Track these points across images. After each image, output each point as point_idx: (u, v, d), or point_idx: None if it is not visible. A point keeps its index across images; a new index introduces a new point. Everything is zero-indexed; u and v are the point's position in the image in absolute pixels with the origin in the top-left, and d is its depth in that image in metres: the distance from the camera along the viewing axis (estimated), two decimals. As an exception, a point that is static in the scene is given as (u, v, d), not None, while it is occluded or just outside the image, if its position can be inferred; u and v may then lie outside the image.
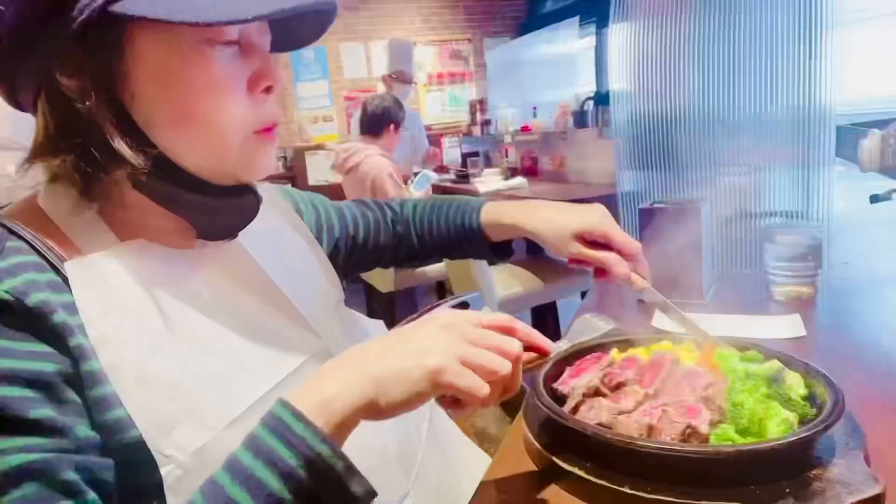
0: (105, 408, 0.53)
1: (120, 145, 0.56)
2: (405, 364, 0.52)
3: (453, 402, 0.57)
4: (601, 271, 0.87)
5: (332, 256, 0.91)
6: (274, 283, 0.69)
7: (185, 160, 0.60)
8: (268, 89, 0.62)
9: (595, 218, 0.86)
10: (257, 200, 0.68)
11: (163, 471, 0.53)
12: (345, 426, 0.50)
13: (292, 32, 0.67)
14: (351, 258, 0.98)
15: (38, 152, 0.58)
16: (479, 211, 0.95)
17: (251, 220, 0.68)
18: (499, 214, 0.94)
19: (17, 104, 0.60)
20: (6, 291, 0.50)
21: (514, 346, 0.56)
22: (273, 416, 0.49)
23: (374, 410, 0.51)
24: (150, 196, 0.61)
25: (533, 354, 0.63)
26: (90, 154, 0.56)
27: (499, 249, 0.98)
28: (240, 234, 0.69)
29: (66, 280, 0.55)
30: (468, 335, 0.55)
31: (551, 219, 0.88)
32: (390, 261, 1.04)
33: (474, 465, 0.86)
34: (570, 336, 0.83)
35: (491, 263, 1.66)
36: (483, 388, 0.53)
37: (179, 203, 0.62)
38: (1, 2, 0.51)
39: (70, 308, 0.53)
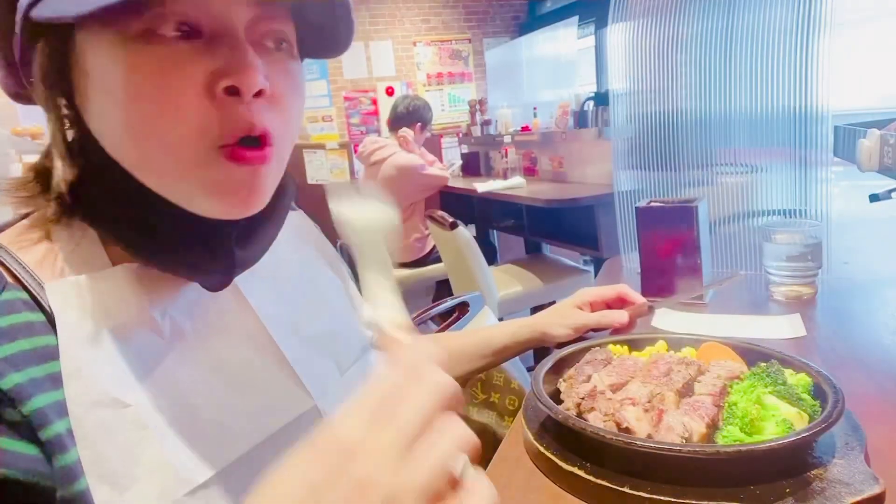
0: None
1: (57, 156, 0.50)
2: None
3: None
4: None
5: None
6: (268, 332, 0.60)
7: (151, 180, 0.50)
8: (231, 91, 0.48)
9: (581, 293, 1.02)
10: (230, 263, 0.55)
11: None
12: None
13: (325, 34, 0.57)
14: None
15: (31, 169, 0.55)
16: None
17: (227, 282, 0.58)
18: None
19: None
20: None
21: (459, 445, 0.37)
22: None
23: None
24: (101, 230, 0.53)
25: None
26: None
27: None
28: (251, 270, 0.59)
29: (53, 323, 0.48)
30: (403, 442, 0.35)
31: (554, 311, 1.01)
32: None
33: None
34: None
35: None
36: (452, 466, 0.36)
37: (135, 244, 0.52)
38: None
39: (56, 379, 0.46)
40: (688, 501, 0.56)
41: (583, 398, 0.71)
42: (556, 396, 0.76)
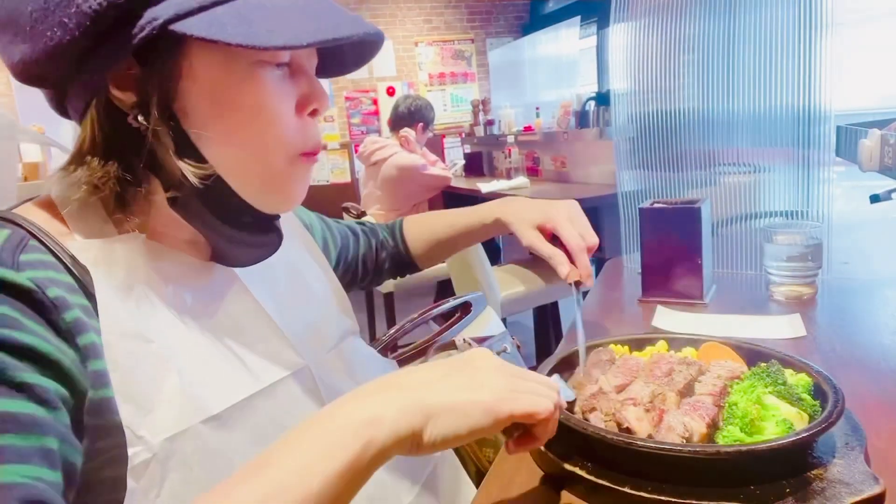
0: (106, 411, 0.52)
1: (176, 159, 0.57)
2: (459, 398, 0.51)
3: (520, 440, 0.58)
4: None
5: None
6: (259, 304, 0.69)
7: (232, 178, 0.60)
8: (314, 112, 0.64)
9: (554, 213, 0.93)
10: (279, 239, 0.69)
11: (130, 451, 0.51)
12: (381, 456, 0.48)
13: (336, 59, 0.69)
14: (346, 274, 1.03)
15: (80, 160, 0.58)
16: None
17: (267, 257, 0.69)
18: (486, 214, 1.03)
19: (63, 111, 0.60)
20: (29, 279, 0.50)
21: (554, 385, 0.60)
22: None
23: (415, 444, 0.49)
24: (183, 216, 0.61)
25: None
26: (133, 166, 0.57)
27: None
28: None
29: (81, 284, 0.55)
30: (515, 373, 0.57)
31: (518, 210, 0.97)
32: (382, 273, 1.10)
33: None
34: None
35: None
36: (546, 403, 0.55)
37: (210, 227, 0.62)
38: (65, 14, 0.51)
39: (86, 310, 0.54)
40: (688, 501, 0.56)
41: (586, 400, 0.71)
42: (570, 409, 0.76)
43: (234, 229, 0.63)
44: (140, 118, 0.56)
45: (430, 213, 1.13)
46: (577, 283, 0.88)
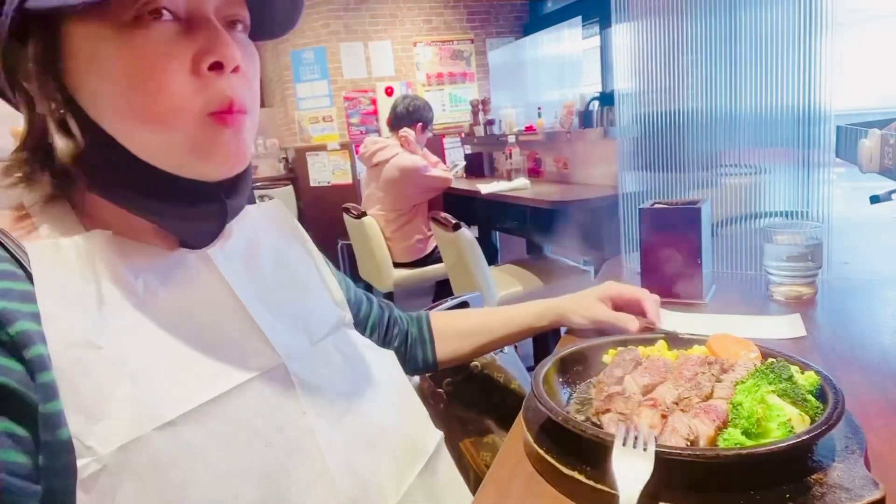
0: (58, 425, 0.50)
1: (57, 134, 0.55)
2: None
3: None
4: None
5: None
6: (236, 295, 0.65)
7: (142, 151, 0.57)
8: (216, 67, 0.56)
9: (607, 285, 1.05)
10: (224, 207, 0.63)
11: (79, 462, 0.49)
12: None
13: (266, 20, 0.66)
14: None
15: (17, 150, 0.58)
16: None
17: (219, 229, 0.65)
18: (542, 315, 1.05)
19: (15, 105, 0.60)
20: None
21: None
22: None
23: None
24: (108, 198, 0.59)
25: None
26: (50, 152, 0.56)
27: None
28: (223, 247, 0.67)
29: None
30: None
31: (577, 299, 1.04)
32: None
33: None
34: None
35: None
36: None
37: (139, 206, 0.59)
38: None
39: (37, 318, 0.51)
40: (687, 505, 0.56)
41: (602, 400, 0.70)
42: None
43: (166, 203, 0.59)
44: (42, 105, 0.55)
45: (462, 312, 1.11)
46: (651, 328, 1.00)
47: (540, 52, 4.92)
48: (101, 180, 0.58)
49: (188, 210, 0.61)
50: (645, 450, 0.58)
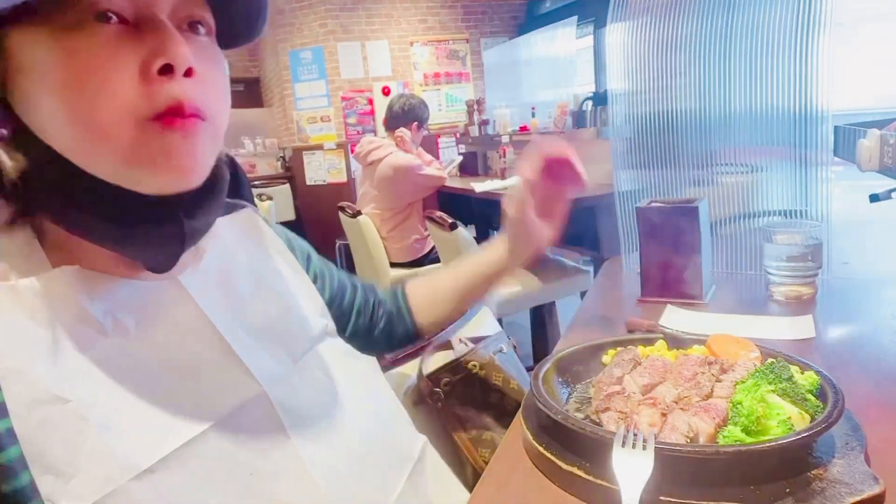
0: (31, 497, 0.47)
1: (2, 151, 0.51)
2: None
3: None
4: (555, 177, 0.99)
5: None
6: (212, 323, 0.61)
7: (89, 165, 0.52)
8: (167, 70, 0.51)
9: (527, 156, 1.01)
10: (181, 227, 0.56)
11: None
12: None
13: (231, 26, 0.61)
14: (339, 321, 0.91)
15: None
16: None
17: (179, 253, 0.59)
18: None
19: None
20: None
21: None
22: None
23: None
24: (58, 221, 0.55)
25: None
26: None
27: None
28: (193, 266, 0.64)
29: None
30: None
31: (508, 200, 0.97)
32: (373, 331, 1.00)
33: None
34: None
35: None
36: None
37: (97, 233, 0.55)
38: None
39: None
40: (687, 501, 0.56)
41: (601, 399, 0.70)
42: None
43: (120, 225, 0.54)
44: None
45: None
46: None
47: (534, 52, 4.93)
48: (51, 201, 0.54)
49: (145, 232, 0.56)
50: (644, 448, 0.58)
